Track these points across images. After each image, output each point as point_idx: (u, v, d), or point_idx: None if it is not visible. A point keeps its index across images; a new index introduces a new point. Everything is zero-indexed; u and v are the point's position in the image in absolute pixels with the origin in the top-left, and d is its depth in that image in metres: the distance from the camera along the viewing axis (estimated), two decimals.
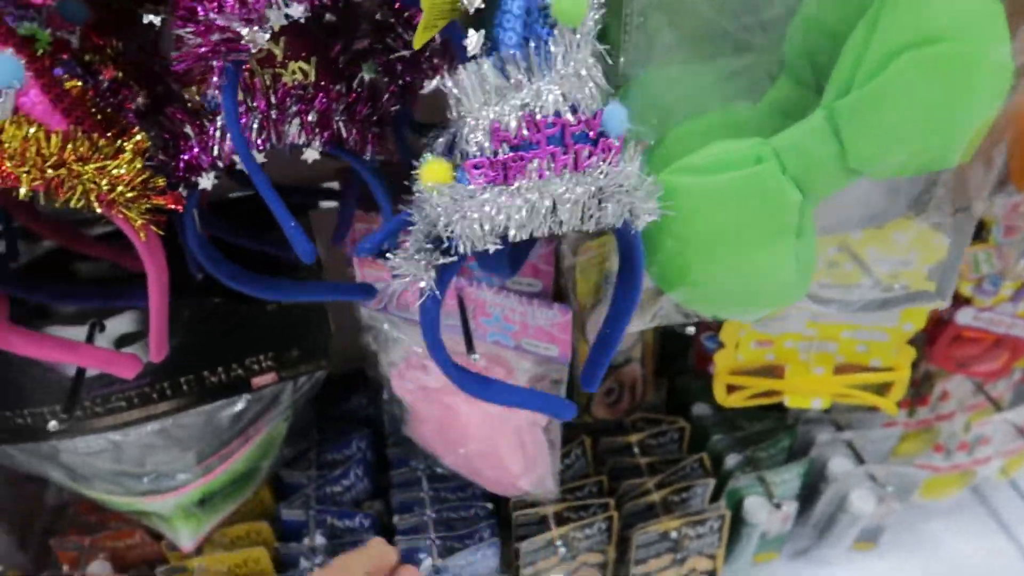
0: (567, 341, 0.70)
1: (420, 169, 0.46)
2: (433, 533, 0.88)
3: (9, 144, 0.46)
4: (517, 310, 0.70)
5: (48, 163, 0.46)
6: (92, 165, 0.48)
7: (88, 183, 0.48)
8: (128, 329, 0.71)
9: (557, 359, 0.72)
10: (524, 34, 0.44)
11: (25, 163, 0.46)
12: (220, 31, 0.46)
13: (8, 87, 0.45)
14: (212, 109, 0.54)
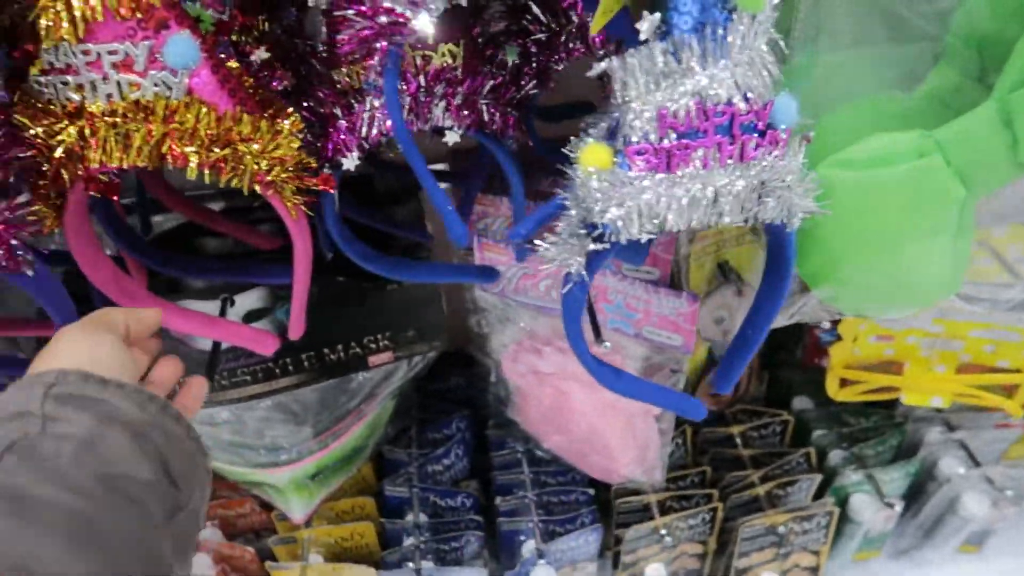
0: (692, 331, 0.69)
1: (580, 153, 0.46)
2: (535, 516, 0.89)
3: (180, 124, 0.47)
4: (641, 298, 0.69)
5: (216, 143, 0.48)
6: (255, 146, 0.49)
7: (251, 164, 0.49)
8: (256, 305, 0.73)
9: (680, 348, 0.71)
10: (700, 19, 0.42)
11: (194, 143, 0.47)
12: (387, 13, 0.47)
13: (184, 68, 0.46)
14: (370, 90, 0.54)
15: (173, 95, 0.47)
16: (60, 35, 0.44)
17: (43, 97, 0.47)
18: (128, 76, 0.46)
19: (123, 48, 0.45)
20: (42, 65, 0.46)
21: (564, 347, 0.77)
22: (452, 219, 0.50)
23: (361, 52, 0.50)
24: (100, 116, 0.46)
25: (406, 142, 0.50)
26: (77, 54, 0.45)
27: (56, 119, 0.47)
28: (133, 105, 0.46)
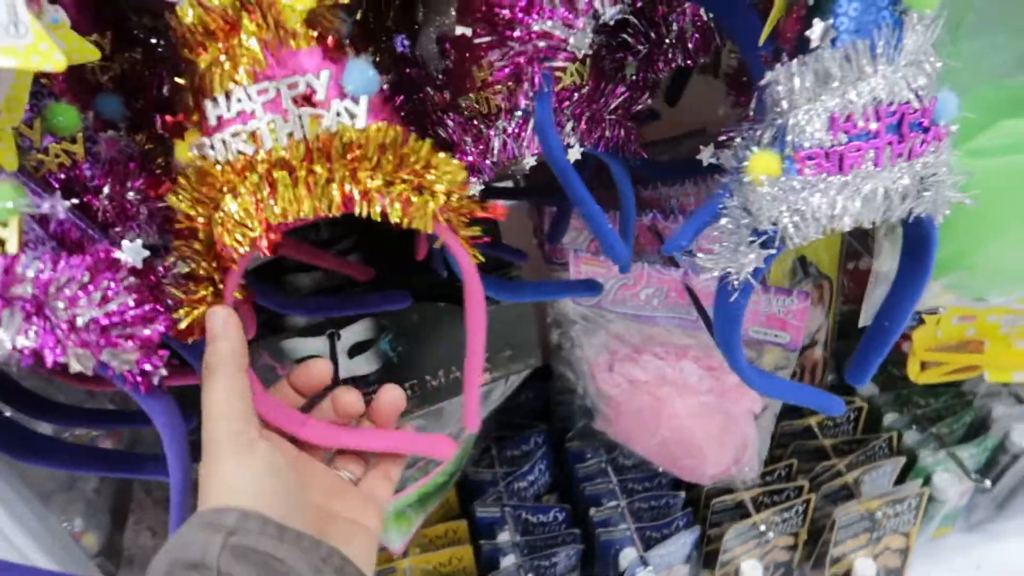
0: (800, 328, 0.70)
1: (748, 161, 0.47)
2: (631, 523, 0.89)
3: (365, 155, 0.43)
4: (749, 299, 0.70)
5: (399, 171, 0.44)
6: (436, 173, 0.45)
7: (434, 196, 0.45)
8: (361, 337, 0.72)
9: (787, 346, 0.72)
10: (870, 21, 0.43)
11: (377, 175, 0.43)
12: (544, 37, 0.47)
13: (365, 93, 0.43)
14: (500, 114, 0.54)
15: (357, 124, 0.43)
16: (235, 79, 0.41)
17: (208, 160, 0.44)
18: (310, 110, 0.42)
19: (304, 80, 0.42)
20: (208, 122, 0.43)
21: (661, 354, 0.78)
22: (615, 241, 0.50)
23: (511, 77, 0.49)
24: (278, 164, 0.42)
25: (563, 163, 0.50)
26: (253, 95, 0.42)
27: (227, 177, 0.43)
28: (312, 143, 0.42)
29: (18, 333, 0.36)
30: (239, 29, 0.41)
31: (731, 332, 0.53)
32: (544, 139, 0.50)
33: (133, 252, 0.40)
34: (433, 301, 0.73)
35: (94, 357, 0.37)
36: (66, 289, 0.37)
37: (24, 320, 0.36)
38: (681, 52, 0.63)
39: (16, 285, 0.36)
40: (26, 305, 0.36)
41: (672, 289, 0.73)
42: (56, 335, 0.36)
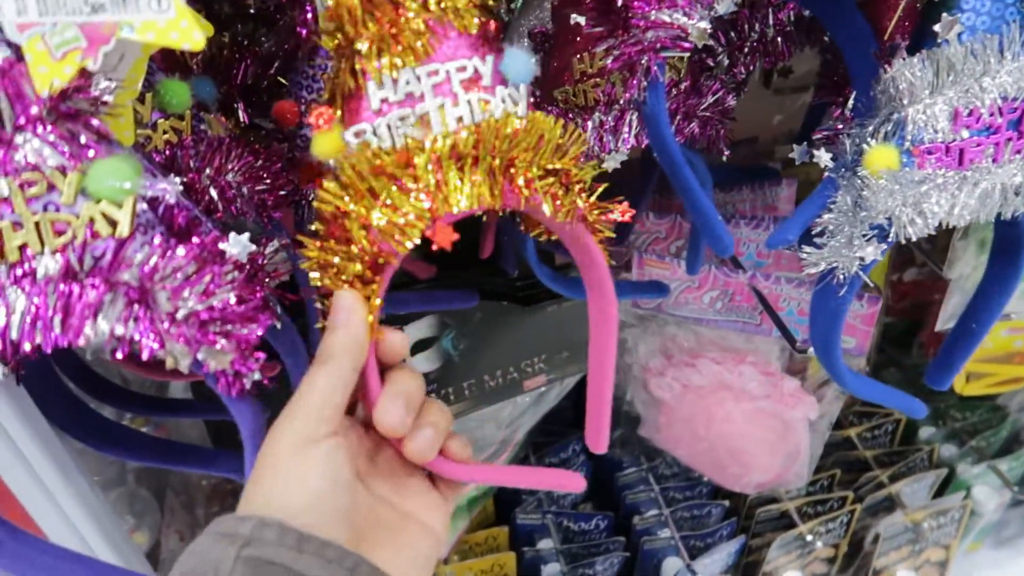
0: (868, 333, 0.70)
1: (866, 154, 0.47)
2: (676, 532, 0.88)
3: (528, 144, 0.41)
4: None
5: (553, 159, 0.42)
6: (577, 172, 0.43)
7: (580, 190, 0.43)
8: (424, 334, 0.71)
9: (852, 351, 0.72)
10: (998, 16, 0.44)
11: (535, 165, 0.41)
12: (664, 27, 0.47)
13: (525, 82, 0.41)
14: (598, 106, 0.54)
15: (520, 111, 0.41)
16: (402, 61, 0.39)
17: (367, 149, 0.40)
18: (479, 94, 0.40)
19: (471, 64, 0.40)
20: (369, 106, 0.40)
21: (719, 358, 0.78)
22: (721, 230, 0.50)
23: (624, 68, 0.49)
24: (447, 151, 0.39)
25: (675, 153, 0.50)
26: (423, 77, 0.39)
27: (389, 171, 0.39)
28: (475, 128, 0.40)
29: (118, 320, 0.34)
30: (404, 8, 0.38)
31: (832, 328, 0.52)
32: (656, 129, 0.50)
33: (239, 246, 0.38)
34: (495, 300, 0.73)
35: (191, 353, 0.35)
36: (171, 279, 0.35)
37: (125, 307, 0.34)
38: (762, 55, 0.63)
39: (123, 270, 0.34)
40: (130, 292, 0.34)
41: (737, 292, 0.73)
42: (156, 326, 0.34)
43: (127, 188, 0.33)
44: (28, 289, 0.32)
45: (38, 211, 0.32)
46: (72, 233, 0.33)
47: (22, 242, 0.32)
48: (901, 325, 0.99)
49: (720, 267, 0.72)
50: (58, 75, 0.32)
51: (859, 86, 0.51)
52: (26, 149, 0.32)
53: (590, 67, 0.53)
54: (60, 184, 0.33)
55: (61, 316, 0.32)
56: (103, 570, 0.40)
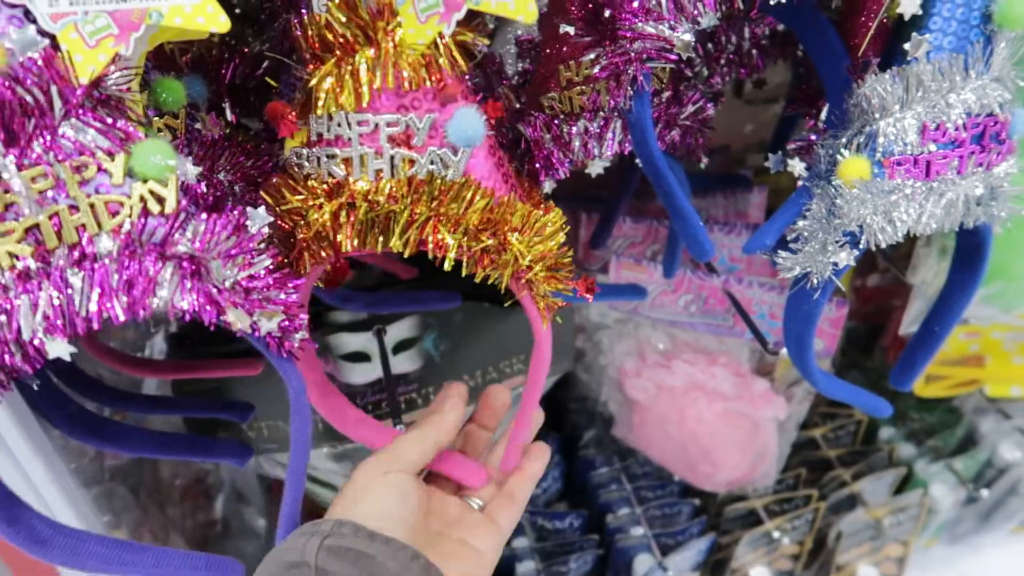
0: (836, 336, 0.73)
1: (840, 165, 0.49)
2: (648, 530, 0.90)
3: (450, 208, 0.42)
4: None
5: (483, 231, 0.43)
6: (523, 238, 0.44)
7: (517, 258, 0.44)
8: (406, 335, 0.72)
9: (820, 353, 0.74)
10: (964, 37, 0.46)
11: (458, 229, 0.42)
12: (650, 39, 0.49)
13: (467, 146, 0.42)
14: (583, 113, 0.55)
15: (449, 175, 0.42)
16: (340, 103, 0.41)
17: (302, 171, 0.44)
18: (404, 151, 0.41)
19: (405, 120, 0.41)
20: (307, 136, 0.43)
21: (692, 359, 0.80)
22: (702, 235, 0.52)
23: (611, 77, 0.51)
24: (362, 195, 0.42)
25: (659, 161, 0.51)
26: (352, 124, 0.41)
27: (313, 196, 0.43)
28: (400, 184, 0.42)
29: (176, 292, 0.35)
30: (354, 54, 0.40)
31: (805, 330, 0.55)
32: (641, 136, 0.52)
33: (260, 219, 0.39)
34: (477, 301, 0.74)
35: (248, 317, 0.37)
36: (219, 250, 0.36)
37: (181, 279, 0.35)
38: (738, 66, 0.65)
39: (176, 244, 0.35)
40: (184, 264, 0.35)
41: (711, 296, 0.75)
42: (211, 295, 0.36)
43: (171, 165, 0.35)
44: (89, 268, 0.33)
45: (91, 193, 0.34)
46: (127, 212, 0.34)
47: (80, 224, 0.33)
48: (863, 329, 1.03)
49: (695, 271, 0.74)
50: (93, 63, 0.33)
51: (832, 99, 0.54)
52: (74, 135, 0.33)
53: (576, 75, 0.55)
54: (109, 166, 0.34)
55: (125, 292, 0.33)
56: (154, 555, 0.41)
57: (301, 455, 0.45)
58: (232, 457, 0.55)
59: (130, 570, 0.41)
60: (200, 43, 0.56)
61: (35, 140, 0.33)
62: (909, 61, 0.47)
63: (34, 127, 0.33)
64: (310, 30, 0.41)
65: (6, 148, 0.33)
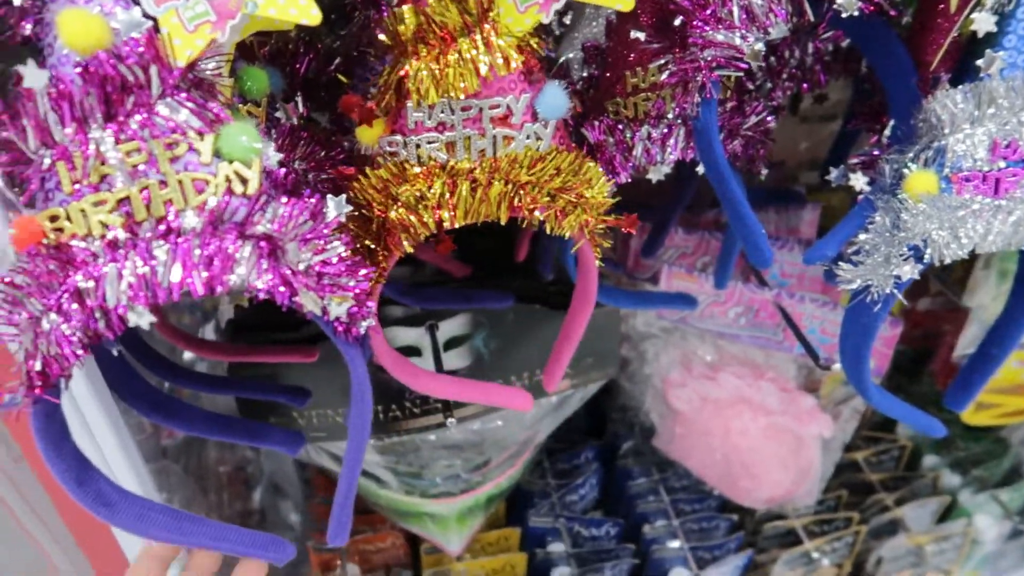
0: (888, 355, 0.72)
1: (907, 179, 0.49)
2: (685, 543, 0.90)
3: (539, 174, 0.46)
4: (838, 323, 0.72)
5: (562, 191, 0.46)
6: (592, 192, 0.48)
7: (590, 210, 0.48)
8: (457, 332, 0.73)
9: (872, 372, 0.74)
10: None
11: (544, 192, 0.46)
12: (721, 47, 0.49)
13: (555, 118, 0.46)
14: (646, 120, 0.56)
15: (541, 146, 0.46)
16: (442, 92, 0.43)
17: (396, 157, 0.46)
18: (504, 130, 0.45)
19: (506, 102, 0.44)
20: (396, 125, 0.45)
21: (739, 372, 0.80)
22: (763, 243, 0.52)
23: (679, 84, 0.52)
24: (464, 174, 0.45)
25: (724, 168, 0.52)
26: (456, 110, 0.44)
27: (420, 179, 0.45)
28: (499, 160, 0.45)
29: (252, 271, 0.36)
30: (456, 47, 0.42)
31: (863, 344, 0.55)
32: (707, 143, 0.52)
33: (339, 206, 0.41)
34: (529, 303, 0.75)
35: (319, 300, 0.38)
36: (296, 233, 0.38)
37: (258, 259, 0.37)
38: (799, 81, 0.65)
39: (256, 224, 0.36)
40: (261, 243, 0.37)
41: (761, 309, 0.75)
42: (285, 276, 0.37)
43: (256, 148, 0.36)
44: (173, 242, 0.35)
45: (180, 170, 0.35)
46: (212, 191, 0.35)
47: (168, 198, 0.35)
48: (911, 354, 1.02)
49: (746, 284, 0.74)
50: (191, 47, 0.35)
51: (898, 114, 0.54)
52: (169, 114, 0.35)
53: (643, 81, 0.56)
54: (199, 145, 0.35)
55: (205, 267, 0.34)
56: (214, 528, 0.42)
57: (360, 442, 0.46)
58: (285, 444, 0.56)
59: (190, 540, 0.42)
60: (278, 36, 0.58)
61: (133, 116, 0.35)
62: (982, 78, 0.47)
63: (133, 104, 0.35)
64: (402, 23, 0.42)
65: (105, 122, 0.35)
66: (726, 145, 0.59)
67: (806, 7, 0.54)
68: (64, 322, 0.35)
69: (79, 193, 0.35)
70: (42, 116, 0.34)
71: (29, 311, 0.36)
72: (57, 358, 0.36)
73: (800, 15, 0.55)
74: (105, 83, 0.34)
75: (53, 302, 0.35)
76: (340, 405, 0.73)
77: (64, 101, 0.34)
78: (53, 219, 0.35)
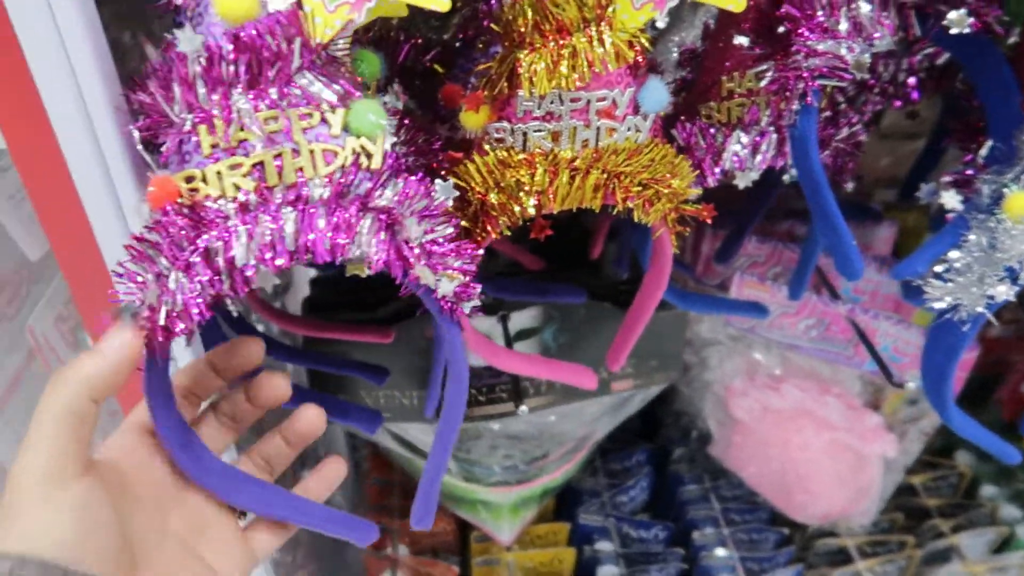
0: (962, 378, 0.72)
1: (1007, 200, 0.49)
2: (735, 552, 0.90)
3: (633, 165, 0.47)
4: (913, 343, 0.72)
5: (657, 183, 0.47)
6: (679, 182, 0.49)
7: (673, 199, 0.49)
8: (528, 324, 0.74)
9: None
10: None
11: (636, 181, 0.47)
12: (824, 56, 0.49)
13: (655, 112, 0.47)
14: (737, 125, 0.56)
15: (640, 138, 0.47)
16: (554, 82, 0.44)
17: (501, 144, 0.47)
18: (608, 122, 0.46)
19: (612, 95, 0.45)
20: (502, 113, 0.46)
21: (804, 385, 0.79)
22: (854, 254, 0.52)
23: (779, 91, 0.52)
24: (566, 162, 0.46)
25: (820, 177, 0.52)
26: (565, 101, 0.45)
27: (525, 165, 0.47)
28: (599, 150, 0.46)
29: (371, 243, 0.38)
30: (571, 40, 0.43)
31: (947, 363, 0.54)
32: (804, 151, 0.52)
33: (447, 190, 0.42)
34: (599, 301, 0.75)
35: (433, 276, 0.39)
36: (412, 209, 0.39)
37: (377, 231, 0.38)
38: (891, 96, 0.65)
39: (378, 198, 0.38)
40: (381, 216, 0.38)
41: (834, 323, 0.75)
42: (401, 251, 0.38)
43: (383, 124, 0.37)
44: (302, 210, 0.36)
45: (312, 140, 0.36)
46: (339, 162, 0.37)
47: (299, 167, 0.36)
48: (979, 380, 1.00)
49: (820, 296, 0.74)
50: (330, 25, 0.36)
51: (999, 134, 0.54)
52: (306, 86, 0.36)
53: (739, 87, 0.56)
54: (331, 118, 0.37)
55: (331, 235, 0.36)
56: (301, 503, 0.43)
57: (454, 422, 0.47)
58: (364, 422, 0.58)
59: (276, 512, 0.43)
60: (381, 24, 0.60)
61: (273, 86, 0.37)
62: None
63: (275, 73, 0.37)
64: (521, 15, 0.43)
65: (247, 89, 0.37)
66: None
67: (913, 21, 0.54)
68: (191, 280, 0.37)
69: (216, 156, 0.37)
70: (191, 80, 0.35)
71: (157, 268, 0.38)
72: (180, 316, 0.38)
73: (905, 29, 0.55)
74: (251, 53, 0.36)
75: (182, 261, 0.37)
76: (408, 387, 0.75)
77: (213, 67, 0.35)
78: (189, 180, 0.37)
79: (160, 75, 0.36)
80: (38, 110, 0.38)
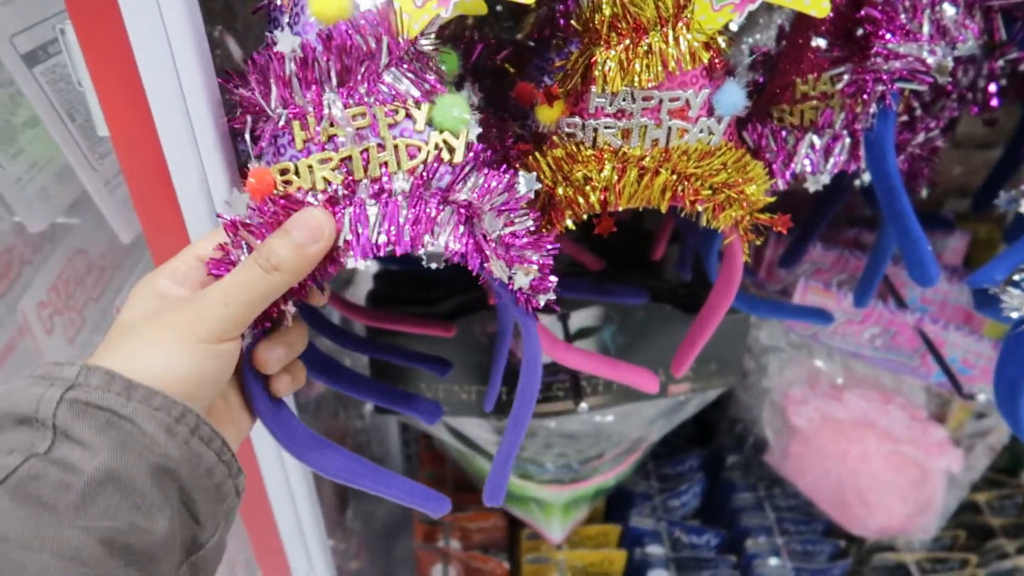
0: None
1: None
2: (788, 562, 0.88)
3: (704, 167, 0.47)
4: (983, 355, 0.70)
5: (729, 188, 0.47)
6: (755, 188, 0.48)
7: (746, 206, 0.48)
8: (588, 323, 0.75)
9: None
10: None
11: (707, 185, 0.47)
12: (905, 59, 0.49)
13: (730, 115, 0.46)
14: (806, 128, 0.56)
15: (713, 141, 0.47)
16: (628, 81, 0.44)
17: (572, 139, 0.48)
18: (679, 123, 0.46)
19: (685, 96, 0.45)
20: (575, 109, 0.47)
21: (866, 395, 0.78)
22: (929, 260, 0.52)
23: (856, 93, 0.51)
24: (635, 160, 0.46)
25: (896, 180, 0.51)
26: (638, 100, 0.45)
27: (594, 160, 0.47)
28: (670, 151, 0.46)
29: (450, 235, 0.39)
30: (647, 39, 0.43)
31: (1021, 375, 0.53)
32: (881, 155, 0.52)
33: (530, 183, 0.43)
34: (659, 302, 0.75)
35: (508, 269, 0.40)
36: (491, 203, 0.40)
37: (456, 224, 0.39)
38: (969, 103, 0.64)
39: (459, 192, 0.39)
40: (461, 210, 0.39)
41: (900, 332, 0.74)
42: (479, 243, 0.39)
43: (466, 119, 0.38)
44: (384, 202, 0.37)
45: (397, 136, 0.38)
46: (422, 157, 0.38)
47: (383, 161, 0.37)
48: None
49: (886, 305, 0.73)
50: (418, 21, 0.37)
51: None
52: (393, 82, 0.37)
53: (813, 89, 0.56)
54: (415, 114, 0.38)
55: (410, 227, 0.37)
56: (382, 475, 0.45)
57: (526, 409, 0.47)
58: (427, 413, 0.59)
59: (359, 482, 0.45)
60: (457, 23, 0.61)
61: (362, 83, 0.38)
62: None
63: (364, 72, 0.38)
64: (598, 12, 0.43)
65: (338, 87, 0.38)
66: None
67: (999, 24, 0.53)
68: None
69: (308, 150, 0.38)
70: (287, 78, 0.37)
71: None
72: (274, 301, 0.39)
73: (990, 33, 0.54)
74: (343, 52, 0.37)
75: None
76: (466, 382, 0.76)
77: (307, 67, 0.37)
78: (283, 172, 0.38)
79: (258, 72, 0.38)
80: (140, 101, 0.40)
